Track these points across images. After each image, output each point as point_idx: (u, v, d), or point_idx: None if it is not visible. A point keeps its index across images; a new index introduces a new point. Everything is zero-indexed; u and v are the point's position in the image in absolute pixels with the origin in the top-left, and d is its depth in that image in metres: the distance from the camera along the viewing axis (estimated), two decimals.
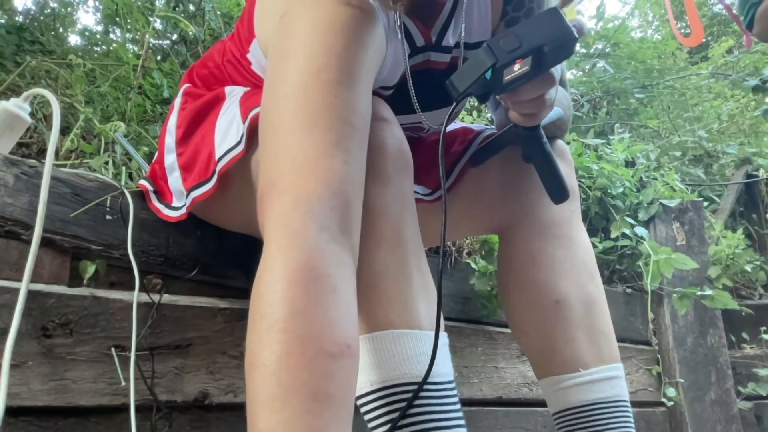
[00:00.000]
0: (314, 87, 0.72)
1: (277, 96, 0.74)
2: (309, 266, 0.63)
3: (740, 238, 2.18)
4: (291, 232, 0.65)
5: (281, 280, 0.63)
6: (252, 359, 0.61)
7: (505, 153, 1.02)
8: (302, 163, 0.68)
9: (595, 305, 0.97)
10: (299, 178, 0.67)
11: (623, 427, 0.92)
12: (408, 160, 0.82)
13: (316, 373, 0.59)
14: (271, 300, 0.62)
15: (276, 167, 0.70)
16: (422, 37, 0.91)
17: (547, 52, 0.72)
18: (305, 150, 0.69)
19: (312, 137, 0.70)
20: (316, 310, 0.61)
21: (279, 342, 0.60)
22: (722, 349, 1.87)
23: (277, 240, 0.65)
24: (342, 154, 0.70)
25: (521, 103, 0.81)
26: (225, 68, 1.04)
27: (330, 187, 0.67)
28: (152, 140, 1.36)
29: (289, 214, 0.66)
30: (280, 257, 0.64)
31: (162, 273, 1.01)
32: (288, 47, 0.76)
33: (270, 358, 0.59)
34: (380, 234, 0.76)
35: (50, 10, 1.93)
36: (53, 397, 0.84)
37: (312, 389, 0.58)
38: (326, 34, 0.75)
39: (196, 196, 0.92)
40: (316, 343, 0.60)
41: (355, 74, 0.75)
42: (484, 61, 0.72)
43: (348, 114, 0.72)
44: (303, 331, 0.60)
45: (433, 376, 0.71)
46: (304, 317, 0.61)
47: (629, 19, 5.06)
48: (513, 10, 0.95)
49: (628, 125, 3.49)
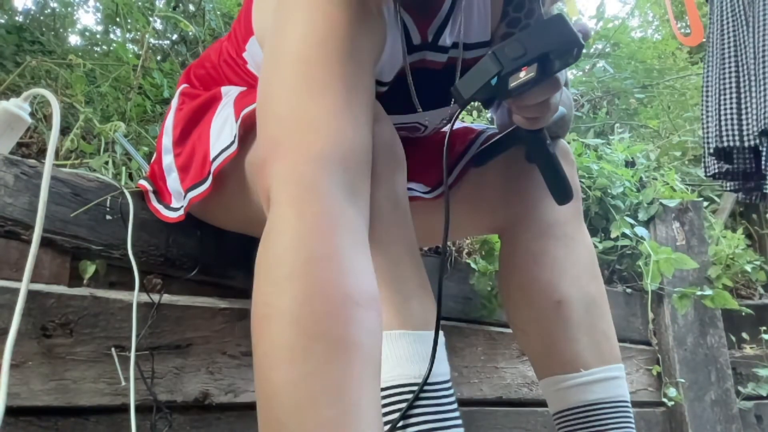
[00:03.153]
0: (318, 56, 0.70)
1: (278, 64, 0.72)
2: (328, 213, 0.58)
3: (740, 238, 2.18)
4: (304, 184, 0.60)
5: (297, 227, 0.57)
6: (265, 310, 0.55)
7: (506, 153, 1.02)
8: (311, 122, 0.64)
9: (596, 305, 0.97)
10: (308, 135, 0.63)
11: (624, 427, 0.92)
12: (399, 157, 0.81)
13: (343, 320, 0.53)
14: (288, 246, 0.56)
15: (280, 128, 0.66)
16: (419, 35, 0.90)
17: (552, 58, 0.72)
18: (312, 111, 0.65)
19: (319, 100, 0.66)
20: (340, 257, 0.56)
21: (300, 288, 0.54)
22: (722, 349, 1.87)
23: (288, 193, 0.60)
24: (351, 119, 0.67)
25: (526, 108, 0.81)
26: (221, 68, 1.04)
27: (343, 148, 0.64)
28: (152, 140, 1.36)
29: (301, 168, 0.61)
30: (294, 208, 0.59)
31: (162, 273, 1.01)
32: (288, 19, 0.74)
33: (290, 305, 0.53)
34: (372, 233, 0.75)
35: (50, 10, 1.93)
36: (53, 397, 0.84)
37: (339, 337, 0.53)
38: (328, 8, 0.73)
39: (193, 196, 0.91)
40: (343, 289, 0.55)
41: (357, 48, 0.73)
42: (489, 69, 0.72)
43: (353, 82, 0.70)
44: (326, 277, 0.55)
45: (432, 376, 0.71)
46: (327, 262, 0.55)
47: (629, 19, 5.05)
48: (514, 11, 0.94)
49: (628, 125, 3.48)
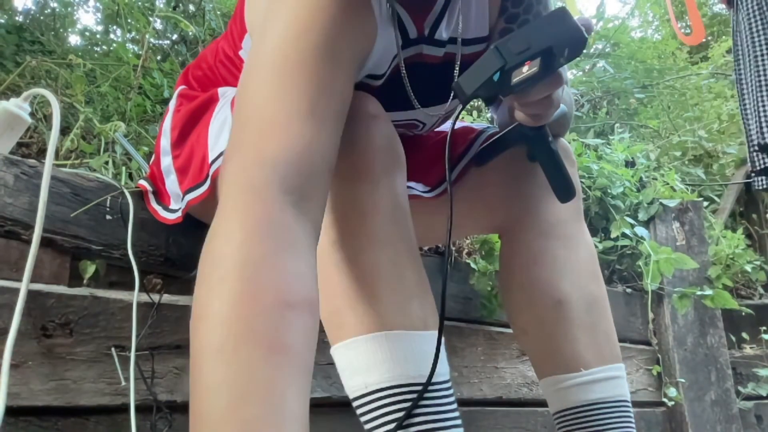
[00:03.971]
0: (292, 52, 0.69)
1: (256, 61, 0.72)
2: (268, 218, 0.58)
3: (740, 238, 2.18)
4: (250, 188, 0.60)
5: (237, 231, 0.58)
6: (200, 311, 0.55)
7: (506, 152, 1.01)
8: (270, 126, 0.65)
9: (597, 305, 0.97)
10: (266, 140, 0.64)
11: (624, 427, 0.92)
12: (399, 156, 0.81)
13: (272, 322, 0.53)
14: (226, 251, 0.57)
15: (243, 130, 0.67)
16: (415, 29, 0.89)
17: (556, 53, 0.71)
18: (276, 114, 0.66)
19: (285, 101, 0.66)
20: (274, 261, 0.57)
21: (231, 291, 0.54)
22: (722, 349, 1.87)
23: (234, 196, 0.61)
24: (315, 122, 0.66)
25: (529, 104, 0.80)
26: (217, 69, 1.04)
27: (297, 152, 0.64)
28: (152, 140, 1.36)
29: (249, 172, 0.61)
30: (237, 211, 0.59)
31: (162, 273, 1.01)
32: (273, 16, 0.74)
33: (222, 308, 0.53)
34: (371, 233, 0.74)
35: (50, 10, 1.93)
36: (53, 397, 0.84)
37: (268, 339, 0.53)
38: (310, 7, 0.72)
39: (191, 199, 0.91)
40: (274, 292, 0.55)
41: (337, 49, 0.73)
42: (492, 64, 0.71)
43: (325, 83, 0.70)
44: (259, 279, 0.55)
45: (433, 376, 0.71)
46: (260, 266, 0.56)
47: (629, 19, 5.05)
48: (512, 6, 0.94)
49: (628, 125, 3.48)
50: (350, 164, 0.76)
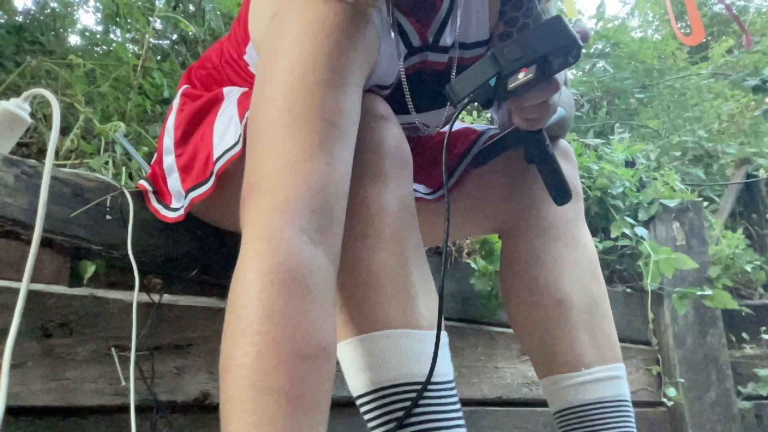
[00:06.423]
0: (299, 88, 0.72)
1: (263, 97, 0.74)
2: (284, 268, 0.63)
3: (740, 238, 2.18)
4: (268, 234, 0.65)
5: (256, 282, 0.63)
6: (226, 361, 0.61)
7: (507, 153, 1.02)
8: (284, 166, 0.68)
9: (597, 305, 0.97)
10: (280, 180, 0.67)
11: (624, 426, 0.92)
12: (407, 158, 0.82)
13: (288, 375, 0.59)
14: (245, 302, 0.62)
15: (258, 169, 0.70)
16: (419, 37, 0.90)
17: (551, 60, 0.72)
18: (288, 152, 0.69)
19: (295, 139, 0.70)
20: (290, 312, 0.62)
21: (252, 344, 0.60)
22: (722, 349, 1.87)
23: (253, 242, 0.65)
24: (325, 156, 0.70)
25: (525, 109, 0.81)
26: (223, 69, 1.04)
27: (311, 189, 0.67)
28: (152, 140, 1.36)
29: (268, 217, 0.66)
30: (256, 259, 0.64)
31: (162, 273, 1.01)
32: (277, 48, 0.76)
33: (243, 360, 0.60)
34: (379, 234, 0.75)
35: (50, 10, 1.92)
36: (53, 397, 0.84)
37: (284, 391, 0.59)
38: (315, 34, 0.75)
39: (195, 196, 0.91)
40: (289, 345, 0.60)
41: (343, 75, 0.75)
42: (487, 70, 0.72)
43: (333, 115, 0.72)
44: (276, 333, 0.60)
45: (434, 375, 0.71)
46: (278, 319, 0.61)
47: (629, 19, 5.06)
48: (511, 10, 0.95)
49: (628, 125, 3.49)
50: (360, 165, 0.77)
